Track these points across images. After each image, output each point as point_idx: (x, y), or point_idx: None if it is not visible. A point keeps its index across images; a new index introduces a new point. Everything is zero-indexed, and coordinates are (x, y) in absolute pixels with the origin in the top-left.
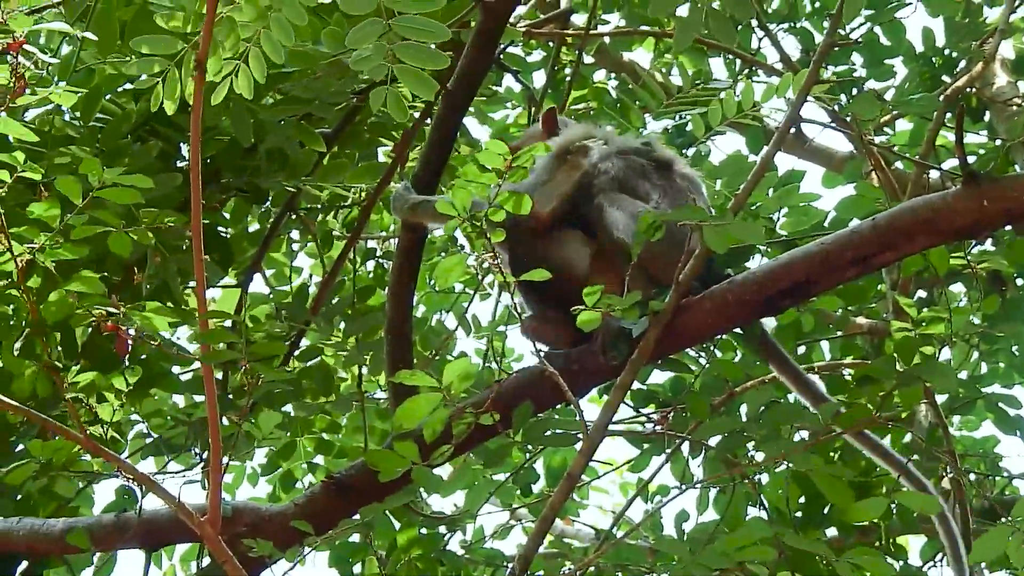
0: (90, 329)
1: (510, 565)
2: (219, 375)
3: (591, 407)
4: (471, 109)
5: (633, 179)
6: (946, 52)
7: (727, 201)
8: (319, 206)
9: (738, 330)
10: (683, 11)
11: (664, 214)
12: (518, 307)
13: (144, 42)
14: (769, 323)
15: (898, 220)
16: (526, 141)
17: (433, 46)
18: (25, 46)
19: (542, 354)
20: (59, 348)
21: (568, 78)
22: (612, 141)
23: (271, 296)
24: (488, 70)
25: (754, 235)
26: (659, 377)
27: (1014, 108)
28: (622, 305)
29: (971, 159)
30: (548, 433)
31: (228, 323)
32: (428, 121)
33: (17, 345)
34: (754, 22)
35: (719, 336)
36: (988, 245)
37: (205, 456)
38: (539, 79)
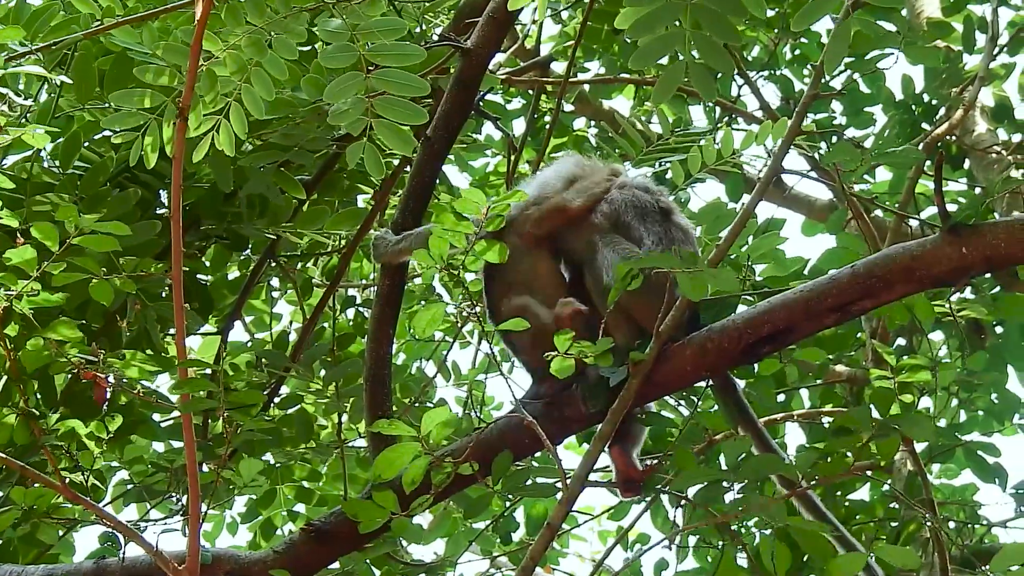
0: (69, 376)
1: None
2: (199, 423)
3: (570, 454)
4: (450, 156)
5: (633, 216)
6: (926, 100)
7: (707, 249)
8: (299, 253)
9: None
10: (663, 61)
11: (640, 261)
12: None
13: (124, 96)
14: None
15: (877, 267)
16: None
17: (411, 100)
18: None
19: (521, 402)
20: (38, 396)
21: (548, 125)
22: (627, 175)
23: (251, 344)
24: (467, 117)
25: (728, 283)
26: None
27: (993, 156)
28: (595, 352)
29: (951, 207)
30: (528, 483)
31: (208, 371)
32: (408, 168)
33: None
34: (734, 70)
35: (699, 384)
36: (968, 293)
37: (185, 502)
38: (519, 126)
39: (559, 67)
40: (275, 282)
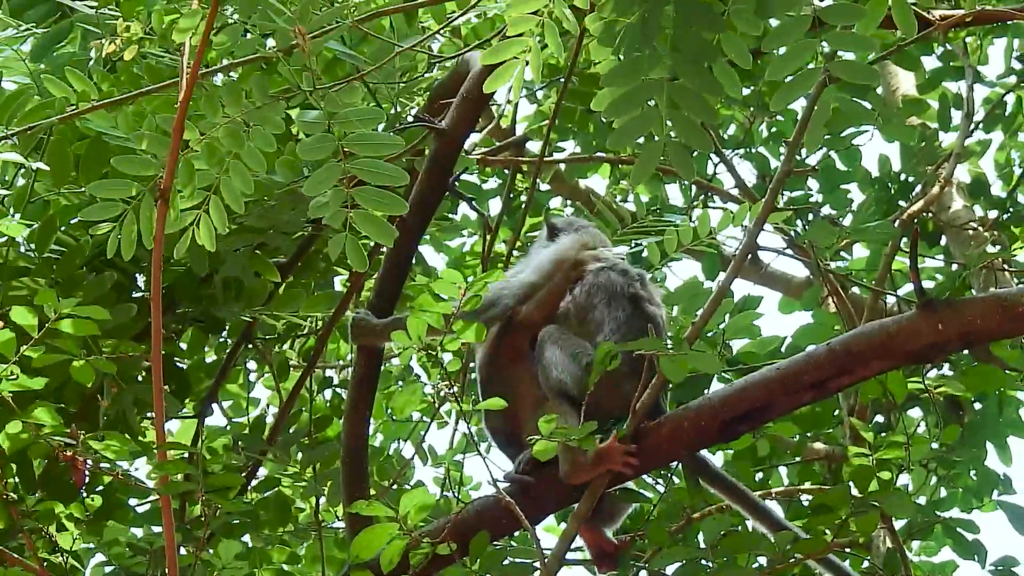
0: (47, 459)
1: None
2: (177, 506)
3: (549, 535)
4: (426, 236)
5: (600, 299)
6: (902, 177)
7: (683, 328)
8: (275, 335)
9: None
10: (640, 140)
11: (623, 345)
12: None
13: (101, 186)
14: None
15: (853, 344)
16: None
17: (390, 189)
18: None
19: (498, 482)
20: (15, 479)
21: (523, 205)
22: (607, 255)
23: (228, 427)
24: (442, 198)
25: (710, 365)
26: None
27: (970, 232)
28: (579, 435)
29: (928, 283)
30: (506, 562)
31: (186, 454)
32: (384, 249)
33: None
34: (711, 148)
35: (676, 463)
36: (946, 370)
37: None
38: (495, 206)
39: (535, 146)
40: (252, 365)
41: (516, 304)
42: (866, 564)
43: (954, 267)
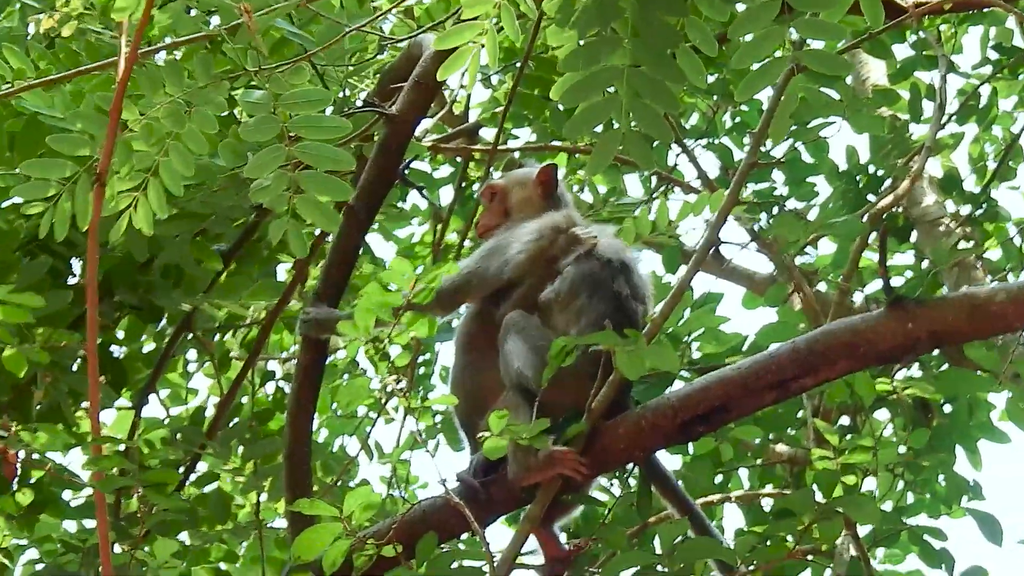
0: None
1: None
2: (112, 501)
3: (500, 535)
4: (374, 225)
5: (584, 289)
6: (871, 170)
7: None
8: (216, 325)
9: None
10: (598, 129)
11: (576, 339)
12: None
13: (35, 165)
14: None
15: (818, 343)
16: (512, 187)
17: (336, 174)
18: None
19: (449, 481)
20: None
21: (476, 194)
22: (602, 240)
23: (166, 419)
24: (392, 185)
25: (668, 361)
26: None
27: (941, 228)
28: (530, 433)
29: (897, 281)
30: (454, 565)
31: (122, 447)
32: (330, 237)
33: None
34: (672, 138)
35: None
36: (915, 370)
37: None
38: (446, 195)
39: (488, 134)
40: (192, 355)
41: (486, 289)
42: (828, 572)
43: (925, 264)
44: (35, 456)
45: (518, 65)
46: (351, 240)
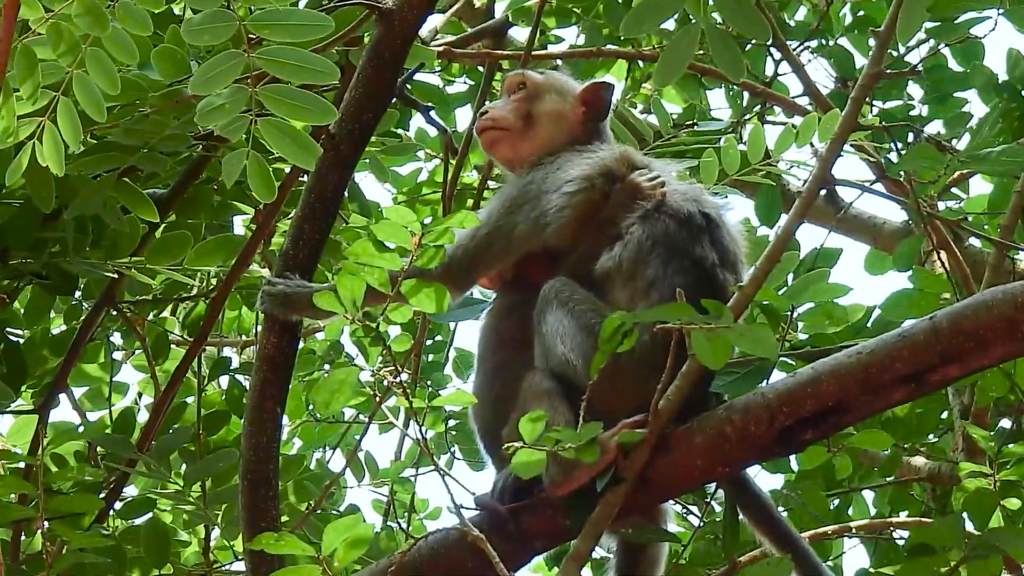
0: None
1: None
2: (7, 537)
3: None
4: (365, 160)
5: (657, 251)
6: None
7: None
8: (150, 298)
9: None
10: (668, 25)
11: (636, 315)
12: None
13: None
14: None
15: (967, 320)
16: (548, 89)
17: (312, 89)
18: None
19: (468, 506)
20: None
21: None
22: (670, 187)
23: (82, 426)
24: (388, 105)
25: (763, 345)
26: None
27: None
28: (576, 442)
29: None
30: None
31: (21, 465)
32: (303, 176)
33: None
34: (769, 36)
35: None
36: None
37: None
38: (463, 119)
39: (521, 35)
40: (117, 338)
41: (512, 256)
42: None
43: None
44: None
45: None
46: (332, 181)
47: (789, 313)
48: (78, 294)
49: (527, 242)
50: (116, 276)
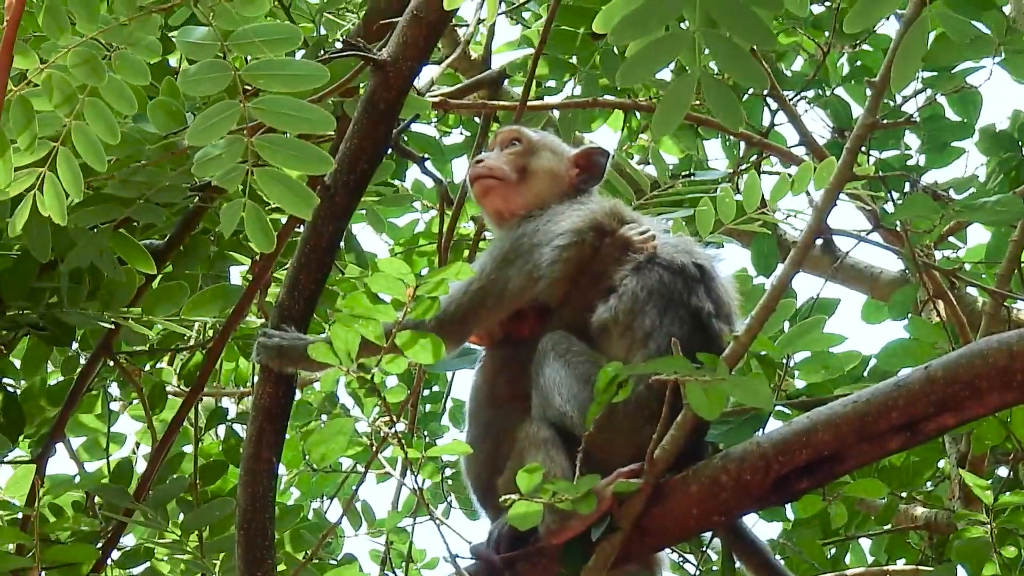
0: None
1: None
2: None
3: None
4: (361, 211)
5: (653, 302)
6: None
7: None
8: (147, 348)
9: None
10: (664, 75)
11: (631, 367)
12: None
13: None
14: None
15: (963, 369)
16: (542, 148)
17: (309, 139)
18: None
19: (464, 556)
20: None
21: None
22: (661, 240)
23: (78, 477)
24: (383, 156)
25: (758, 395)
26: None
27: None
28: (573, 493)
29: None
30: None
31: (18, 516)
32: (300, 226)
33: None
34: (766, 86)
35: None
36: None
37: None
38: (459, 169)
39: (516, 86)
40: (114, 389)
41: (505, 311)
42: None
43: None
44: None
45: None
46: (328, 231)
47: (785, 362)
48: (75, 345)
49: (520, 296)
50: (113, 327)
